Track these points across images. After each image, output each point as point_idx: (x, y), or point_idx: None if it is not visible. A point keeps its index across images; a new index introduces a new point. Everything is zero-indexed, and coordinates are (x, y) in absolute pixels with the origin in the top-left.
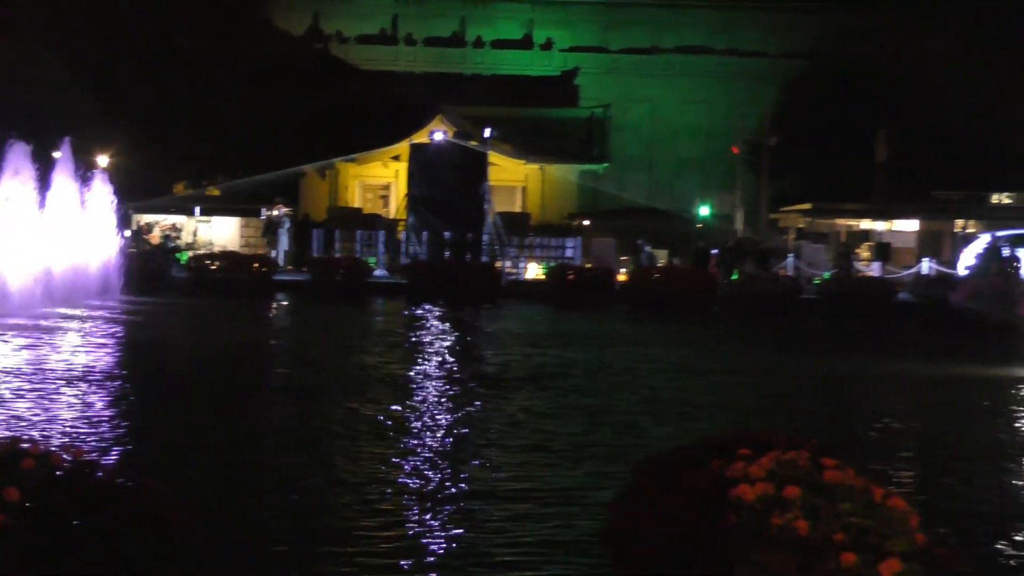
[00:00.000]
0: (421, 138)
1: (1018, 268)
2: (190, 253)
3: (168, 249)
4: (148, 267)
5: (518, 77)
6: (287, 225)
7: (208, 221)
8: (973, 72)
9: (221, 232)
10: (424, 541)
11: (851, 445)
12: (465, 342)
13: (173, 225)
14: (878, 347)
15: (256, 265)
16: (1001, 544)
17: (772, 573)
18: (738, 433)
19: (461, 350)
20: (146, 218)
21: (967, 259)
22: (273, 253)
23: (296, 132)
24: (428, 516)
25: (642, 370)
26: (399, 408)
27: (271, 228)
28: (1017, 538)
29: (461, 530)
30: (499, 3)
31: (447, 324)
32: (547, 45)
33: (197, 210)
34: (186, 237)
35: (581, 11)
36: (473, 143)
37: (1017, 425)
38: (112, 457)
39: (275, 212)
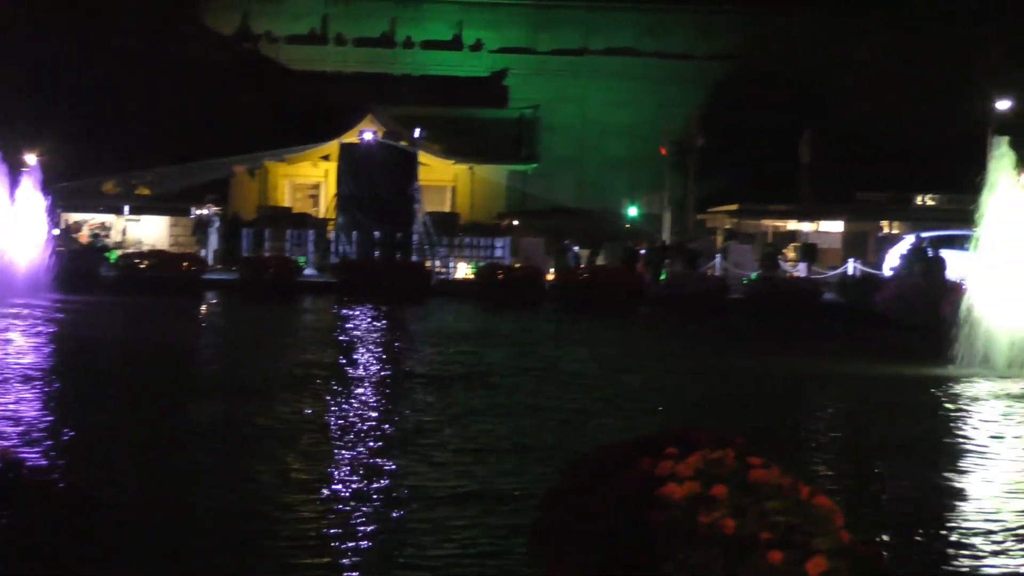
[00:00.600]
0: (351, 138)
1: (942, 269)
2: (119, 252)
3: (97, 248)
4: (77, 266)
5: (448, 78)
6: (216, 224)
7: (137, 220)
8: (897, 74)
9: (150, 231)
10: (359, 541)
11: (778, 444)
12: (396, 341)
13: (102, 224)
14: (804, 346)
15: (185, 264)
16: (924, 541)
17: (699, 571)
18: (666, 432)
19: (392, 349)
20: (75, 217)
21: (892, 260)
22: (203, 252)
23: (226, 132)
24: (362, 517)
25: (571, 369)
26: (330, 407)
27: (201, 227)
28: (940, 534)
29: (394, 531)
30: (429, 4)
31: (377, 323)
32: (477, 46)
33: (126, 209)
34: (115, 236)
35: (510, 12)
36: (403, 143)
37: (940, 423)
38: (39, 456)
39: (205, 211)
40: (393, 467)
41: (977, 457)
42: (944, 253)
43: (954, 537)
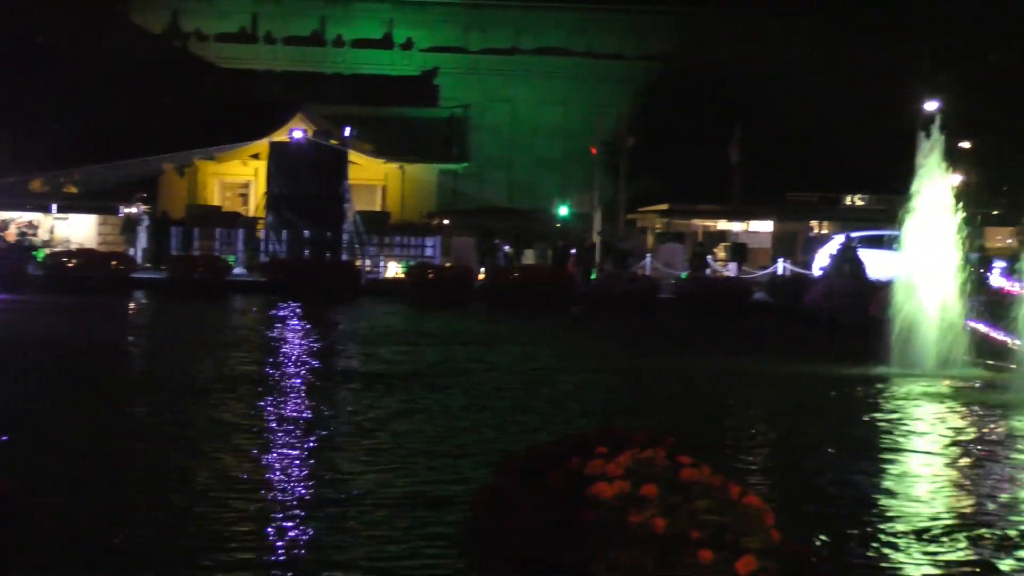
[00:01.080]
0: (281, 136)
1: (863, 269)
2: (47, 250)
3: (24, 246)
4: (4, 264)
5: (378, 76)
6: (145, 223)
7: (65, 218)
8: (827, 75)
9: (79, 230)
10: (293, 544)
11: (708, 443)
12: (326, 341)
13: (30, 222)
14: (734, 346)
15: (114, 263)
16: (853, 539)
17: (629, 570)
18: (597, 431)
19: (322, 349)
20: (2, 215)
21: (821, 260)
22: (131, 251)
23: (155, 130)
24: (295, 519)
25: (502, 369)
26: (260, 408)
27: (129, 226)
28: (869, 532)
29: (323, 533)
30: (359, 3)
31: (307, 322)
32: (407, 45)
33: (54, 207)
34: (43, 234)
35: (441, 12)
36: (333, 142)
37: (868, 422)
38: None
39: (133, 210)
40: (328, 468)
41: (906, 455)
42: (873, 253)
43: (883, 535)
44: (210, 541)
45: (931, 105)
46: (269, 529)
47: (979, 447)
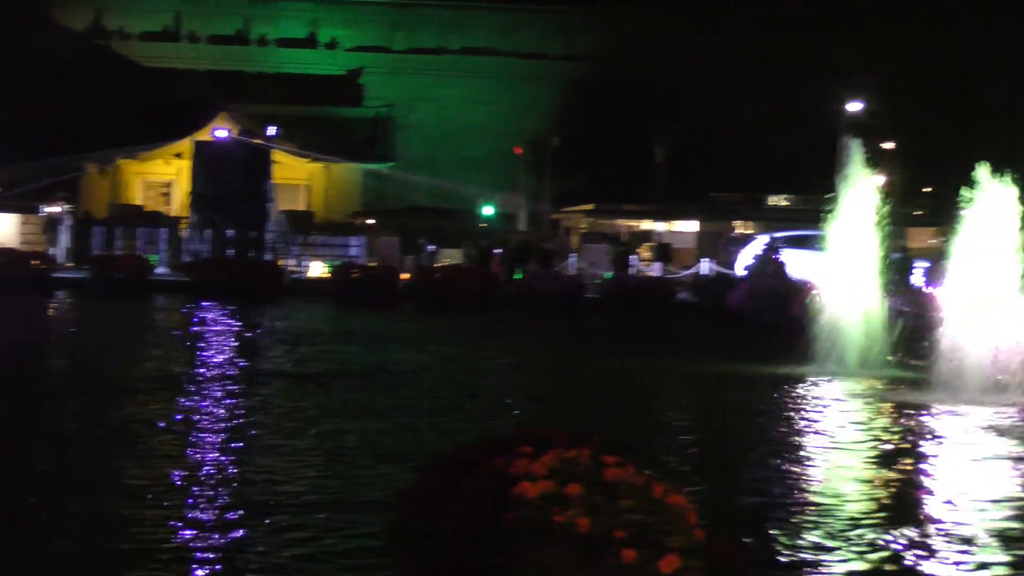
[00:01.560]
0: (204, 136)
1: (784, 269)
2: None
3: None
4: None
5: (303, 76)
6: (67, 222)
7: None
8: (752, 76)
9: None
10: (214, 549)
11: (632, 442)
12: (249, 341)
13: None
14: (658, 346)
15: (35, 262)
16: (778, 538)
17: (553, 570)
18: (521, 431)
19: (245, 349)
20: None
21: (746, 260)
22: (53, 250)
23: (77, 129)
24: (215, 523)
25: (427, 369)
26: (182, 409)
27: (51, 225)
28: (793, 531)
29: (250, 537)
30: (284, 2)
31: (230, 322)
32: (332, 44)
33: None
34: None
35: (366, 11)
36: (257, 141)
37: (790, 422)
38: None
39: (55, 209)
40: (253, 470)
41: (828, 454)
42: (796, 253)
43: (807, 533)
44: (136, 545)
45: (854, 106)
46: (195, 533)
47: (899, 446)
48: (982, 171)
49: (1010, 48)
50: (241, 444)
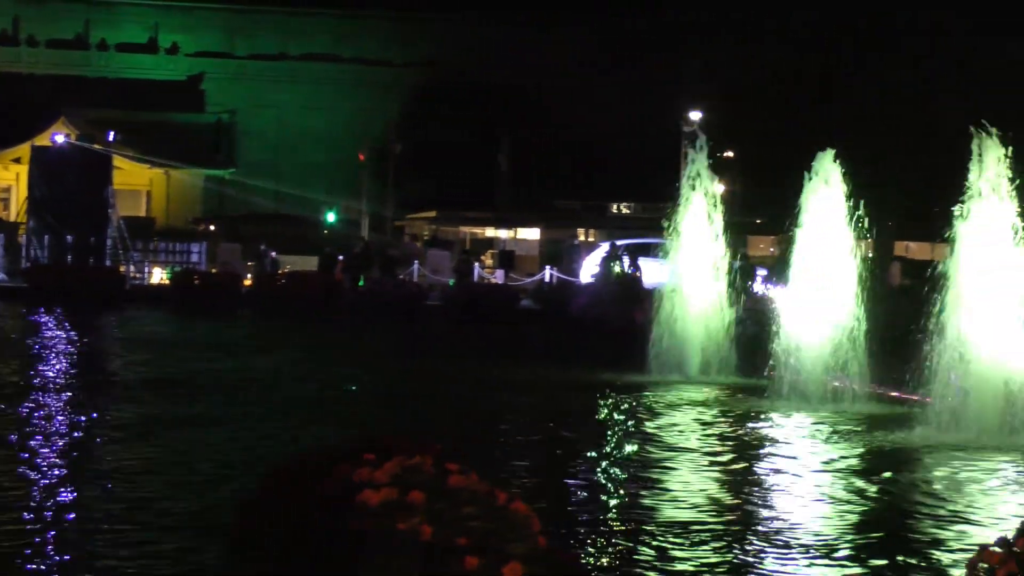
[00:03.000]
0: (43, 141)
1: (639, 276)
2: None
3: None
4: None
5: (143, 81)
6: None
7: None
8: (594, 84)
9: None
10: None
11: (475, 450)
12: (87, 348)
13: None
14: (501, 353)
15: None
16: (621, 544)
17: None
18: (364, 438)
19: (83, 356)
20: None
21: (590, 267)
22: None
23: None
24: (51, 537)
25: (268, 376)
26: (12, 418)
27: None
28: (636, 537)
29: (84, 551)
30: (124, 6)
31: (69, 329)
32: (173, 50)
33: None
34: None
35: (207, 16)
36: (97, 147)
37: (633, 428)
38: None
39: None
40: (89, 481)
41: (669, 460)
42: (639, 261)
43: (649, 539)
44: None
45: (695, 115)
46: (28, 549)
47: (738, 452)
48: (819, 179)
49: (849, 57)
50: (77, 454)
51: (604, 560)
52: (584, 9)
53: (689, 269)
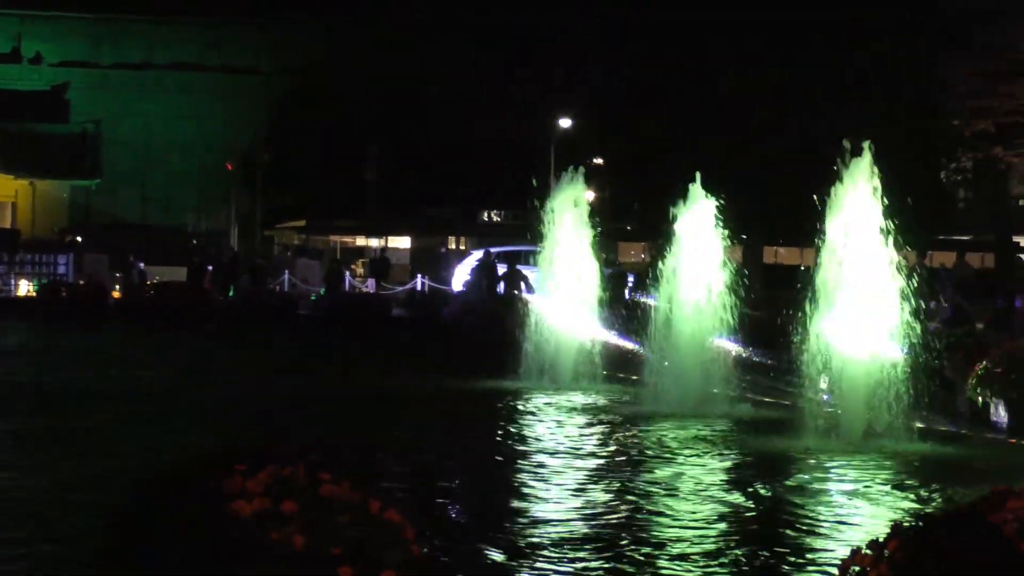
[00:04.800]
0: None
1: (517, 283)
2: None
3: None
4: None
5: (6, 91)
6: None
7: None
8: (465, 92)
9: None
10: None
11: (348, 459)
12: None
13: None
14: (372, 362)
15: None
16: (494, 552)
17: None
18: (236, 448)
19: None
20: None
21: (461, 275)
22: None
23: None
24: None
25: (135, 387)
26: None
27: None
28: (510, 544)
29: None
30: None
31: None
32: (36, 59)
33: None
34: None
35: (71, 25)
36: None
37: (506, 435)
38: None
39: None
40: None
41: (542, 468)
42: (506, 267)
43: (525, 546)
44: None
45: (565, 122)
46: None
47: (610, 459)
48: (688, 184)
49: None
50: None
51: (478, 568)
52: (457, 17)
53: (560, 276)
